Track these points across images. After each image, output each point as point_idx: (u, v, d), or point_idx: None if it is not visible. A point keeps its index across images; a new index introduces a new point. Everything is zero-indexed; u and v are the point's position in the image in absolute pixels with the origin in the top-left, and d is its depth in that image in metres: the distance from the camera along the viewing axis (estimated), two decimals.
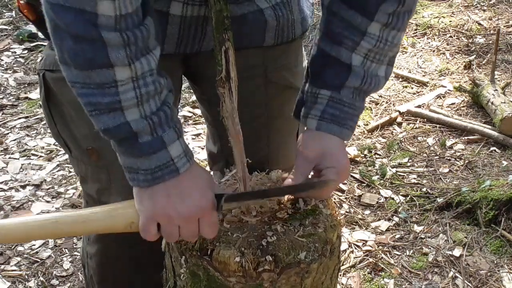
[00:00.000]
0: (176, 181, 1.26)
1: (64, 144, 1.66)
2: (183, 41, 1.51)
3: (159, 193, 1.27)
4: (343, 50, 1.40)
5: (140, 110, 1.20)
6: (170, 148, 1.24)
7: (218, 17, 1.34)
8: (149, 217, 1.29)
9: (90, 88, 1.17)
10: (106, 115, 1.20)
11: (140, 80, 1.18)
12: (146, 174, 1.25)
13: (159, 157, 1.24)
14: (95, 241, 1.81)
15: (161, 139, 1.23)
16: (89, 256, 1.88)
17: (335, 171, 1.40)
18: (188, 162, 1.28)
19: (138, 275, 1.85)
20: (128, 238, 1.72)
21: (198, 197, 1.28)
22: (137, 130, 1.21)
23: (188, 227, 1.29)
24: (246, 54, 1.55)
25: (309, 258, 1.34)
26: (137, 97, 1.19)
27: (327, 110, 1.42)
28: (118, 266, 1.84)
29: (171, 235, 1.31)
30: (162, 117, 1.23)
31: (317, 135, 1.43)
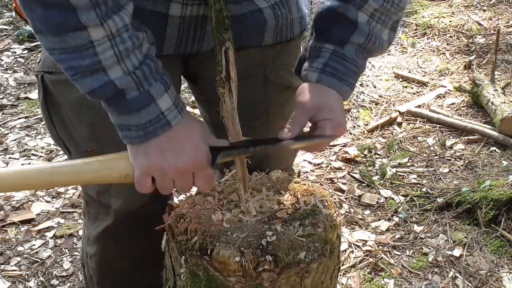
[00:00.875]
0: (168, 134, 1.26)
1: (63, 146, 1.66)
2: (182, 42, 1.51)
3: (152, 148, 1.26)
4: (350, 7, 1.41)
5: (122, 67, 1.20)
6: (159, 102, 1.24)
7: (218, 17, 1.35)
8: (144, 171, 1.28)
9: (68, 52, 1.18)
10: (89, 77, 1.20)
11: (117, 37, 1.18)
12: (138, 130, 1.25)
13: (149, 111, 1.23)
14: (95, 242, 1.82)
15: (148, 93, 1.23)
16: (88, 256, 1.88)
17: (330, 124, 1.39)
18: (179, 114, 1.27)
19: (138, 275, 1.85)
20: (128, 239, 1.73)
21: (192, 150, 1.27)
22: (122, 87, 1.21)
23: (183, 180, 1.30)
24: (246, 54, 1.55)
25: (309, 258, 1.34)
26: (116, 54, 1.19)
27: (329, 63, 1.42)
28: (117, 266, 1.84)
29: (165, 188, 1.31)
30: (146, 70, 1.22)
31: (317, 88, 1.43)
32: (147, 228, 1.57)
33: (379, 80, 4.20)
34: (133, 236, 1.73)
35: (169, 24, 1.46)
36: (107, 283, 1.92)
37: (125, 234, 1.74)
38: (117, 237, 1.75)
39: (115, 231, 1.74)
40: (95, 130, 1.50)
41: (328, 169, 3.32)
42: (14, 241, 2.87)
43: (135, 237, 1.73)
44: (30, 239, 2.89)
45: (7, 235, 2.91)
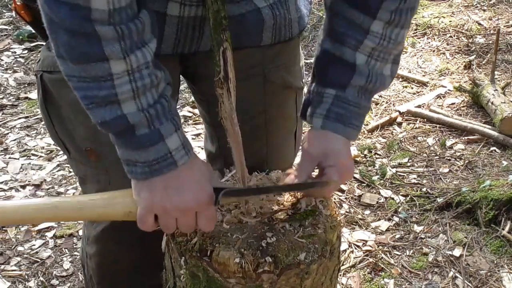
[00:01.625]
0: (174, 173, 1.26)
1: (63, 146, 1.66)
2: (180, 42, 1.51)
3: (157, 186, 1.27)
4: (347, 49, 1.41)
5: (136, 103, 1.20)
6: (167, 141, 1.25)
7: (215, 18, 1.34)
8: (147, 208, 1.29)
9: (86, 81, 1.18)
10: (102, 108, 1.20)
11: (136, 73, 1.19)
12: (144, 166, 1.25)
13: (157, 149, 1.24)
14: (94, 242, 1.81)
15: (159, 131, 1.23)
16: (88, 256, 1.88)
17: (337, 170, 1.40)
18: (186, 154, 1.28)
19: (138, 276, 1.85)
20: (128, 240, 1.72)
21: (195, 190, 1.28)
22: (134, 123, 1.21)
23: (185, 219, 1.30)
24: (244, 54, 1.55)
25: (309, 259, 1.34)
26: (133, 90, 1.19)
27: (332, 109, 1.43)
28: (117, 267, 1.84)
29: (168, 226, 1.32)
30: (159, 109, 1.23)
31: (322, 134, 1.43)
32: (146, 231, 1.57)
33: None
34: (132, 237, 1.73)
35: (167, 24, 1.46)
36: (107, 283, 1.92)
37: (125, 234, 1.73)
38: (116, 238, 1.75)
39: (114, 232, 1.74)
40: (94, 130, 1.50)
41: None
42: (14, 241, 2.87)
43: (135, 238, 1.73)
44: (30, 239, 2.89)
45: (7, 235, 2.91)
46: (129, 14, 1.16)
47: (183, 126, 3.71)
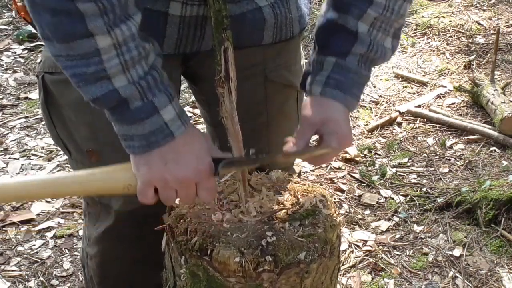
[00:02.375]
0: (171, 145, 1.26)
1: (64, 146, 1.66)
2: (182, 41, 1.51)
3: (155, 158, 1.26)
4: (350, 18, 1.40)
5: (127, 76, 1.20)
6: (162, 112, 1.24)
7: (217, 17, 1.34)
8: (146, 181, 1.29)
9: (74, 59, 1.18)
10: (93, 85, 1.20)
11: (123, 46, 1.19)
12: (141, 140, 1.25)
13: (152, 122, 1.24)
14: (95, 243, 1.82)
15: (152, 103, 1.23)
16: (89, 257, 1.89)
17: (336, 137, 1.39)
18: (183, 125, 1.27)
19: (138, 276, 1.86)
20: (128, 240, 1.73)
21: (194, 161, 1.28)
22: (126, 96, 1.21)
23: (185, 191, 1.30)
24: (245, 53, 1.55)
25: (309, 258, 1.34)
26: (121, 63, 1.19)
27: (332, 75, 1.42)
28: (118, 267, 1.84)
29: (168, 198, 1.32)
30: (150, 81, 1.23)
31: (321, 101, 1.42)
32: (148, 229, 1.57)
33: (379, 80, 4.20)
34: (133, 237, 1.74)
35: (169, 23, 1.46)
36: (108, 283, 1.92)
37: (126, 234, 1.74)
38: (118, 238, 1.75)
39: (115, 232, 1.74)
40: (95, 130, 1.50)
41: (328, 169, 3.32)
42: (14, 241, 2.87)
43: (136, 237, 1.74)
44: (30, 239, 2.89)
45: (7, 235, 2.91)
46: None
47: None
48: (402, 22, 1.46)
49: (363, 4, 1.39)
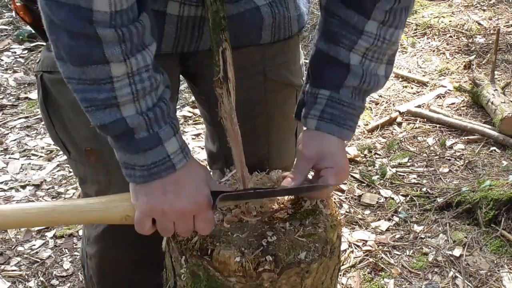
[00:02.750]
0: (172, 177, 1.27)
1: (63, 146, 1.66)
2: (180, 41, 1.51)
3: (155, 189, 1.27)
4: (341, 50, 1.40)
5: (136, 106, 1.20)
6: (166, 144, 1.25)
7: (214, 18, 1.34)
8: (144, 212, 1.29)
9: (86, 84, 1.18)
10: (102, 111, 1.20)
11: (136, 76, 1.19)
12: (143, 170, 1.25)
13: (156, 153, 1.24)
14: (94, 242, 1.82)
15: (157, 135, 1.23)
16: (88, 256, 1.89)
17: (333, 172, 1.40)
18: (184, 158, 1.28)
19: (138, 276, 1.85)
20: (128, 240, 1.72)
21: (193, 193, 1.28)
22: (133, 126, 1.21)
23: (183, 223, 1.30)
24: (244, 53, 1.56)
25: (309, 258, 1.34)
26: (132, 93, 1.19)
27: (326, 110, 1.42)
28: (117, 267, 1.84)
29: (165, 230, 1.32)
30: (158, 113, 1.23)
31: (317, 135, 1.43)
32: None
33: None
34: (133, 237, 1.73)
35: (167, 22, 1.46)
36: (107, 283, 1.92)
37: (125, 234, 1.73)
38: (116, 238, 1.75)
39: (114, 232, 1.73)
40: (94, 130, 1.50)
41: None
42: (14, 241, 2.87)
43: (135, 238, 1.73)
44: (30, 239, 2.89)
45: (7, 235, 2.91)
46: (130, 16, 1.16)
47: (183, 126, 3.71)
48: (395, 48, 1.46)
49: (353, 35, 1.39)
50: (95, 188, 1.68)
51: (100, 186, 1.66)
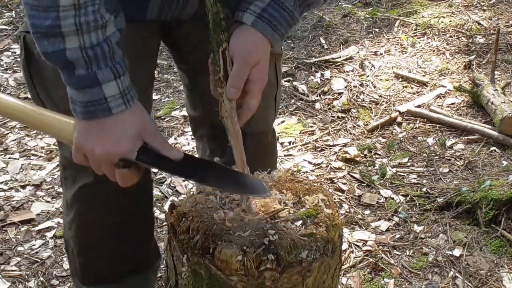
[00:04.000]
0: (105, 121, 1.30)
1: (43, 106, 1.69)
2: (165, 8, 1.54)
3: (86, 129, 1.32)
4: None
5: (79, 39, 1.25)
6: (104, 87, 1.28)
7: (215, 19, 1.37)
8: (75, 145, 1.35)
9: (38, 10, 1.23)
10: (46, 39, 1.25)
11: (82, 9, 1.23)
12: (81, 106, 1.30)
13: (92, 93, 1.28)
14: (72, 203, 1.83)
15: (95, 75, 1.27)
16: (68, 226, 1.89)
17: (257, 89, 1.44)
18: (124, 104, 1.31)
19: (120, 245, 1.86)
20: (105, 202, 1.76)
21: (112, 145, 1.31)
22: (73, 60, 1.25)
23: (104, 168, 1.35)
24: None
25: (311, 257, 1.34)
26: (76, 24, 1.23)
27: (267, 9, 1.44)
28: (97, 233, 1.85)
29: (95, 168, 1.37)
30: (98, 53, 1.27)
31: (249, 32, 1.44)
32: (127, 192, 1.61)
33: (379, 80, 4.21)
34: (111, 199, 1.76)
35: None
36: (89, 254, 1.91)
37: (103, 195, 1.75)
38: (94, 197, 1.78)
39: (92, 191, 1.76)
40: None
41: (328, 169, 3.32)
42: (14, 241, 2.87)
43: (114, 200, 1.76)
44: (30, 239, 2.88)
45: (7, 235, 2.91)
46: None
47: (184, 126, 3.71)
48: None
49: None
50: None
51: None
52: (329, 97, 4.04)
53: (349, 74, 4.29)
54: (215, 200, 1.48)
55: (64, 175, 1.87)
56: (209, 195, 1.51)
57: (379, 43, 4.71)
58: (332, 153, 3.47)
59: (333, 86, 4.14)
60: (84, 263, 1.93)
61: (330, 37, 4.82)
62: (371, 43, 4.72)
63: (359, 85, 4.13)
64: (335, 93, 4.08)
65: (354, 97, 4.01)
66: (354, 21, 5.11)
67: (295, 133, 3.68)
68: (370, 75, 4.26)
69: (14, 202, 3.13)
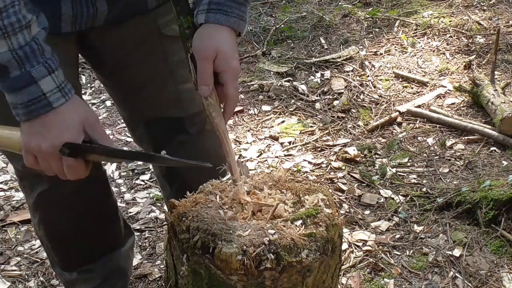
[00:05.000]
0: (47, 116, 1.33)
1: None
2: (77, 19, 1.57)
3: (30, 128, 1.34)
4: None
5: (8, 43, 1.27)
6: (40, 83, 1.31)
7: (180, 30, 1.50)
8: (24, 148, 1.37)
9: None
10: None
11: (3, 12, 1.25)
12: (22, 108, 1.32)
13: (30, 91, 1.30)
14: (34, 209, 1.94)
15: (29, 74, 1.30)
16: (37, 227, 2.01)
17: (230, 76, 1.48)
18: (63, 97, 1.34)
19: (91, 231, 2.00)
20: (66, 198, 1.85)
21: (55, 135, 1.34)
22: (6, 64, 1.28)
23: (52, 164, 1.37)
24: (138, 20, 1.69)
25: (311, 257, 1.34)
26: (1, 28, 1.25)
27: (212, 1, 1.48)
28: (65, 226, 1.96)
29: (44, 168, 1.39)
30: (28, 51, 1.29)
31: (207, 29, 1.48)
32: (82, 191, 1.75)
33: (379, 80, 4.21)
34: (68, 200, 1.87)
35: (62, 1, 1.53)
36: (63, 246, 2.04)
37: (60, 198, 1.87)
38: (53, 202, 1.88)
39: (49, 196, 1.86)
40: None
41: (328, 169, 3.32)
42: (14, 241, 2.87)
43: (71, 200, 1.88)
44: (30, 239, 2.89)
45: (7, 235, 2.91)
46: None
47: None
48: None
49: None
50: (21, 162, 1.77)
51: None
52: (329, 97, 4.05)
53: (349, 74, 4.29)
54: (215, 199, 1.49)
55: (22, 184, 1.96)
56: (209, 194, 1.51)
57: (379, 43, 4.71)
58: (332, 153, 3.47)
59: (333, 86, 4.14)
60: (60, 255, 2.06)
61: (330, 37, 4.82)
62: (371, 43, 4.72)
63: (359, 85, 4.13)
64: (335, 93, 4.08)
65: (354, 97, 4.01)
66: (354, 21, 5.11)
67: (295, 133, 3.68)
68: (370, 75, 4.26)
69: (14, 202, 3.13)
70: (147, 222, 2.97)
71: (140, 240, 2.83)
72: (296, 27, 4.96)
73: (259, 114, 3.91)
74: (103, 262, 2.10)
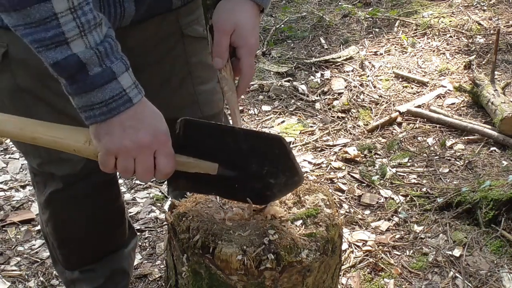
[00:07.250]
0: (130, 112, 1.30)
1: None
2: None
3: (115, 126, 1.30)
4: None
5: (84, 41, 1.24)
6: (120, 79, 1.28)
7: (202, 3, 1.53)
8: (107, 151, 1.32)
9: (32, 26, 1.21)
10: (52, 50, 1.23)
11: (78, 10, 1.22)
12: (102, 107, 1.28)
13: (112, 88, 1.27)
14: (45, 206, 1.92)
15: (111, 69, 1.27)
16: (45, 223, 1.99)
17: (247, 52, 1.48)
18: (139, 93, 1.32)
19: (95, 235, 1.99)
20: (76, 199, 1.84)
21: (152, 125, 1.32)
22: (86, 61, 1.24)
23: (144, 159, 1.33)
24: (162, 18, 1.67)
25: (311, 257, 1.34)
26: (78, 26, 1.22)
27: None
28: (72, 227, 1.96)
29: (126, 169, 1.34)
30: (107, 47, 1.27)
31: (230, 4, 1.48)
32: (95, 190, 1.75)
33: (379, 80, 4.21)
34: (80, 201, 1.86)
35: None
36: (68, 246, 2.02)
37: (72, 198, 1.85)
38: (65, 201, 1.87)
39: (62, 194, 1.84)
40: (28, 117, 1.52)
41: (328, 169, 3.32)
42: (14, 241, 2.87)
43: (83, 201, 1.86)
44: (30, 239, 2.89)
45: (7, 235, 2.91)
46: None
47: None
48: None
49: None
50: (37, 160, 1.77)
51: (42, 159, 1.75)
52: (329, 97, 4.05)
53: (349, 74, 4.29)
54: (215, 199, 1.49)
55: (35, 180, 1.94)
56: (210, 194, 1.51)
57: (379, 43, 4.71)
58: (332, 153, 3.47)
59: (333, 86, 4.15)
60: (64, 253, 2.05)
61: (330, 37, 4.82)
62: (371, 43, 4.72)
63: (359, 85, 4.13)
64: (335, 93, 4.08)
65: (354, 97, 4.01)
66: (354, 21, 5.12)
67: (295, 133, 3.68)
68: (370, 75, 4.26)
69: (14, 202, 3.13)
70: (147, 222, 2.97)
71: (140, 240, 2.83)
72: (296, 27, 4.97)
73: (259, 114, 3.92)
74: (105, 262, 2.10)
